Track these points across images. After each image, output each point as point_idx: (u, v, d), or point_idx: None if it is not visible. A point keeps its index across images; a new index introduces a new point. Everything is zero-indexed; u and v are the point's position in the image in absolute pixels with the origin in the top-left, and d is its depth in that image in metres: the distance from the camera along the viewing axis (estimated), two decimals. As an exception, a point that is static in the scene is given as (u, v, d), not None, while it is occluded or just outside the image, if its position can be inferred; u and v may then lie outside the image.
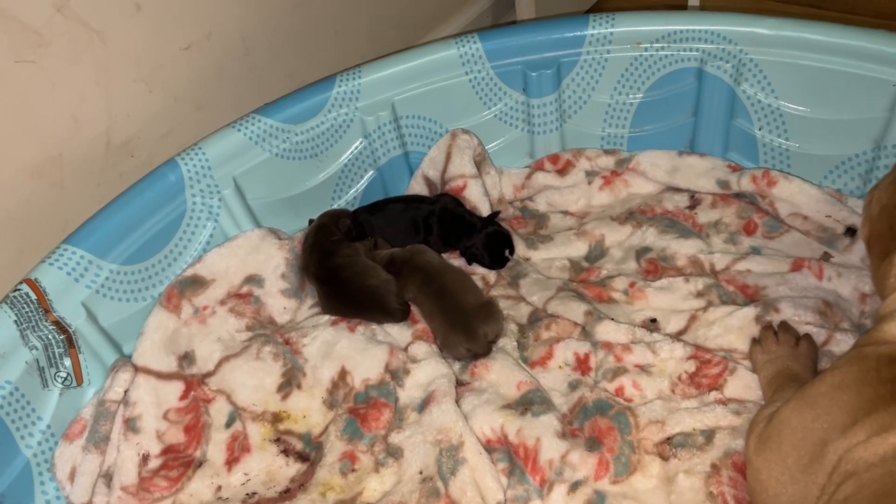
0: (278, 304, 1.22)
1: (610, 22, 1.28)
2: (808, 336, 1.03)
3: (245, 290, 1.21)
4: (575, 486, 0.94)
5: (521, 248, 1.30)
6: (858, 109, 1.18)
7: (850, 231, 1.17)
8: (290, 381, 1.11)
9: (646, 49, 1.28)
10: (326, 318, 1.19)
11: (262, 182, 1.26)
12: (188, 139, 1.29)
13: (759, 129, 1.29)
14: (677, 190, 1.33)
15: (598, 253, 1.29)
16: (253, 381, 1.10)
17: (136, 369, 1.08)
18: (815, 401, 0.80)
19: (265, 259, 1.22)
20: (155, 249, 1.15)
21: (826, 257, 1.18)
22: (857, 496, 0.70)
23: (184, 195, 1.18)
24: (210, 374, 1.12)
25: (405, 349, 1.14)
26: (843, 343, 1.03)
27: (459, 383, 1.10)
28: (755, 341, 1.06)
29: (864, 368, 0.78)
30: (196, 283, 1.17)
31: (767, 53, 1.22)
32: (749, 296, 1.15)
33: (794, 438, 0.80)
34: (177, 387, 1.10)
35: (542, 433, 0.98)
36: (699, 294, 1.16)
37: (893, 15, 1.92)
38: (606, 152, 1.38)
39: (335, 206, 1.34)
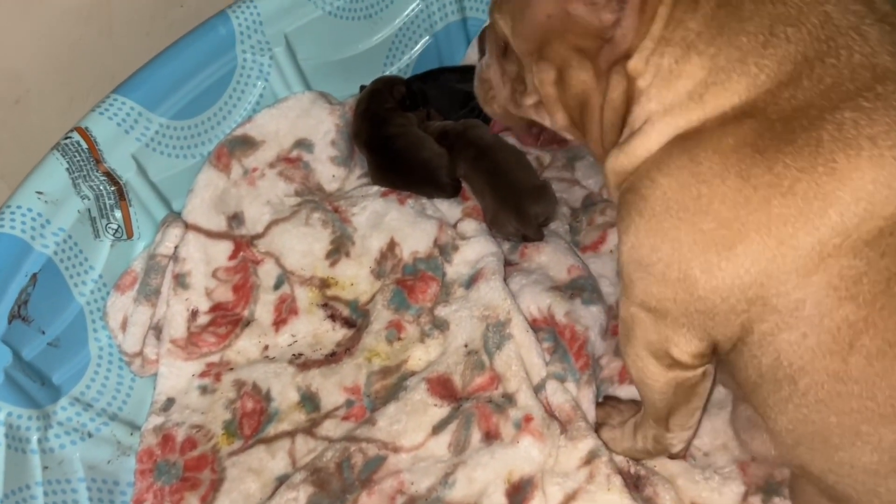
0: (327, 171, 1.19)
1: None
2: None
3: (294, 154, 1.18)
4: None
5: (578, 130, 1.25)
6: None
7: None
8: (338, 249, 1.10)
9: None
10: (376, 188, 1.16)
11: (313, 41, 1.20)
12: (238, -10, 1.22)
13: None
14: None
15: (659, 139, 1.23)
16: (302, 245, 1.10)
17: (186, 226, 1.07)
18: None
19: (315, 123, 1.18)
20: (204, 106, 1.11)
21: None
22: None
23: (234, 51, 1.13)
24: (259, 235, 1.11)
25: (454, 226, 1.12)
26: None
27: (508, 263, 1.08)
28: None
29: None
30: (246, 144, 1.14)
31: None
32: None
33: None
34: (226, 246, 1.09)
35: (591, 325, 0.99)
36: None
37: None
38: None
39: (387, 73, 1.28)
